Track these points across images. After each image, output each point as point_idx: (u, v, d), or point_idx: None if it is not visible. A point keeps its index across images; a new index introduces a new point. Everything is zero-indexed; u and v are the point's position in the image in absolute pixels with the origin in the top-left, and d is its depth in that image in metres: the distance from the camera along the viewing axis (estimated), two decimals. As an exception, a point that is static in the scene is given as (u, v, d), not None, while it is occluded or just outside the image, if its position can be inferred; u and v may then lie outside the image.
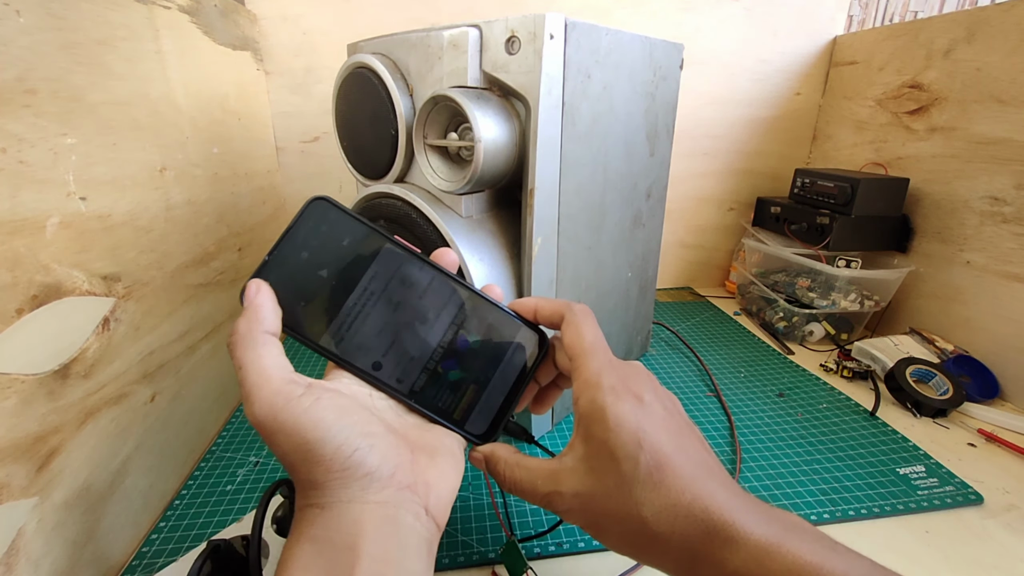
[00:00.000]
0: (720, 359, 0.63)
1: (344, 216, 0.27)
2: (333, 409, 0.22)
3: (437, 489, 0.24)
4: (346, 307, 0.26)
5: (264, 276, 0.25)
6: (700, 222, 0.86)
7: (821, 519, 0.39)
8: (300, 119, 0.71)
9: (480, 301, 0.29)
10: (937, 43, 0.62)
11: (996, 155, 0.56)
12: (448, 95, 0.35)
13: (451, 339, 0.28)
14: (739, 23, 0.75)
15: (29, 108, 0.28)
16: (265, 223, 0.65)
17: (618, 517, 0.23)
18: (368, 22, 0.68)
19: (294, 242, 0.25)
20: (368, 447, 0.22)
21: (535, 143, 0.37)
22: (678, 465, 0.23)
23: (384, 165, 0.42)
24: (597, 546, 0.37)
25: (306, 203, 0.26)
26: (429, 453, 0.25)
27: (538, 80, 0.35)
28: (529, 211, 0.39)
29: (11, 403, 0.26)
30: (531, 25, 0.34)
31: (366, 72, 0.41)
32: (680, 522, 0.22)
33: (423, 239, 0.39)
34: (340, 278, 0.26)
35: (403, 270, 0.27)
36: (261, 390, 0.22)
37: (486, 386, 0.28)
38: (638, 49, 0.44)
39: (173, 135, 0.43)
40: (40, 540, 0.28)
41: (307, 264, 0.26)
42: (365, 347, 0.26)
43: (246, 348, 0.23)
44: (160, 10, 0.42)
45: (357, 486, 0.21)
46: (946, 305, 0.62)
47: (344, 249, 0.26)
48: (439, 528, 0.23)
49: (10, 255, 0.26)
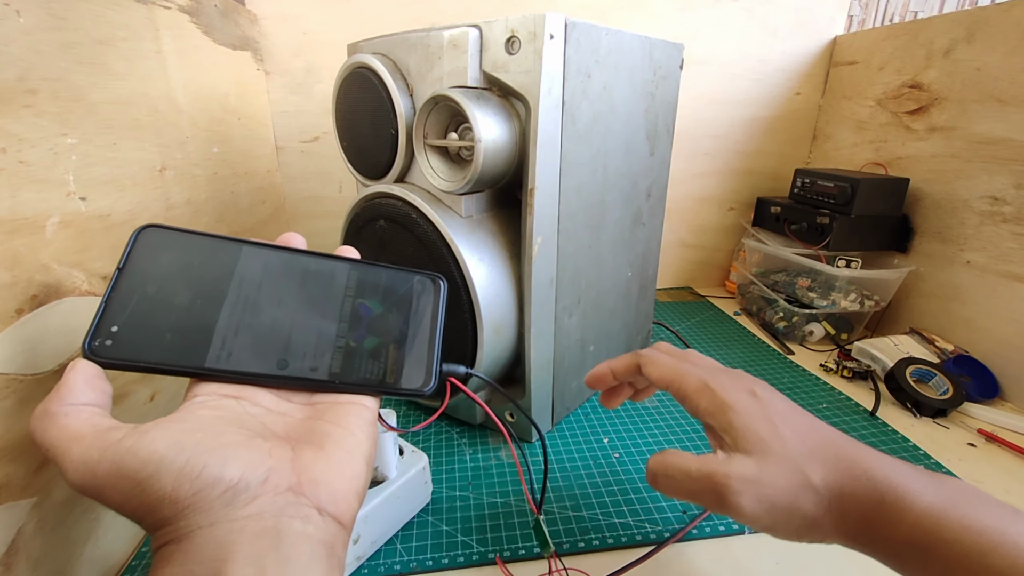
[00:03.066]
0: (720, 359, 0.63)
1: (183, 235, 0.25)
2: (166, 437, 0.19)
3: (329, 483, 0.21)
4: (222, 322, 0.24)
5: (107, 325, 0.22)
6: (700, 222, 0.86)
7: (821, 519, 0.39)
8: (300, 119, 0.71)
9: (363, 267, 0.28)
10: (937, 43, 0.62)
11: (996, 155, 0.56)
12: (448, 95, 0.35)
13: (351, 311, 0.27)
14: (739, 23, 0.75)
15: (29, 108, 0.28)
16: (265, 223, 0.65)
17: (791, 490, 0.24)
18: (368, 22, 0.68)
19: (132, 280, 0.23)
20: (221, 460, 0.19)
21: (535, 143, 0.37)
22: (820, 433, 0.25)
23: (384, 165, 0.42)
24: (597, 546, 0.37)
25: (133, 234, 0.24)
26: (318, 445, 0.22)
27: (538, 80, 0.35)
28: (529, 210, 0.39)
29: (11, 403, 0.26)
30: (531, 25, 0.34)
31: (366, 72, 0.41)
32: (849, 484, 0.23)
33: (423, 239, 0.39)
34: (204, 297, 0.24)
35: (272, 266, 0.26)
36: (71, 452, 0.19)
37: (405, 341, 0.27)
38: (638, 49, 0.44)
39: (173, 135, 0.43)
40: (40, 540, 0.28)
41: (157, 296, 0.23)
42: (262, 351, 0.24)
43: (47, 427, 0.20)
44: (160, 10, 0.42)
45: (218, 504, 0.19)
46: (946, 305, 0.62)
47: (196, 267, 0.24)
48: (343, 524, 0.21)
49: (10, 255, 0.26)
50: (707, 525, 0.38)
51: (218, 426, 0.21)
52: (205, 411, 0.22)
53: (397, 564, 0.35)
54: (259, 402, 0.24)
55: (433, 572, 0.35)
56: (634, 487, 0.42)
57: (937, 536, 0.21)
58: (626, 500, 0.41)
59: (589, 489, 0.42)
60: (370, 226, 0.44)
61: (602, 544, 0.37)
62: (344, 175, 0.74)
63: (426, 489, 0.39)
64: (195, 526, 0.18)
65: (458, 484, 0.42)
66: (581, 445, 0.47)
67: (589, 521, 0.39)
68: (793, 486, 0.25)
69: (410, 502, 0.38)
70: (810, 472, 0.25)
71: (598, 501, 0.41)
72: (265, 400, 0.24)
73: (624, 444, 0.47)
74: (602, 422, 0.50)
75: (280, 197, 0.72)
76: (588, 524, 0.38)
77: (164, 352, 0.22)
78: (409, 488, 0.37)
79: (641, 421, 0.51)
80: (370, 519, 0.34)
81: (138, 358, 0.22)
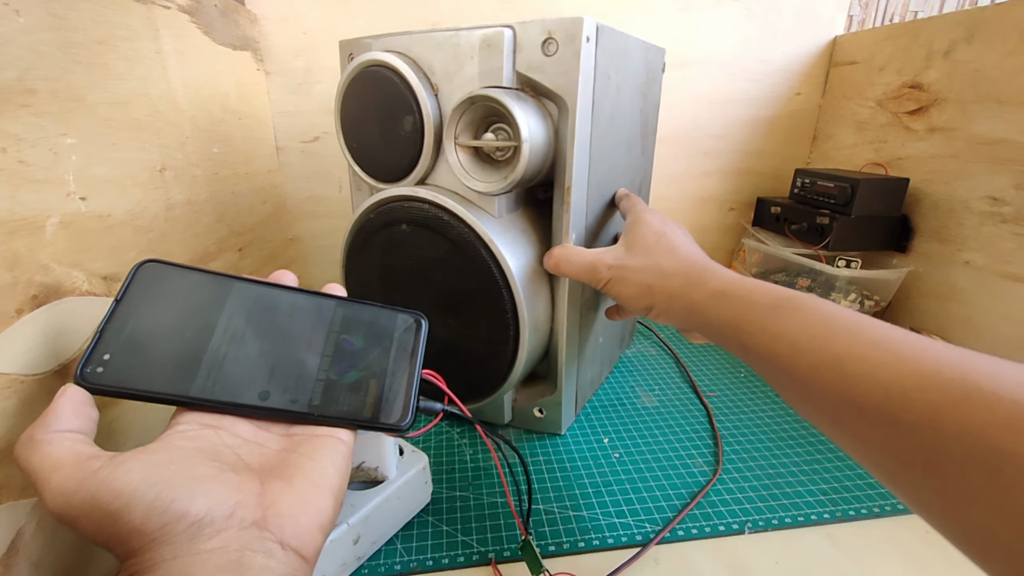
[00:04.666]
0: (720, 359, 0.63)
1: (179, 270, 0.27)
2: (141, 468, 0.20)
3: (294, 518, 0.21)
4: (209, 354, 0.25)
5: (100, 353, 0.23)
6: (700, 222, 0.86)
7: (821, 519, 0.39)
8: (300, 119, 0.71)
9: (349, 304, 0.30)
10: (937, 43, 0.62)
11: (996, 155, 0.56)
12: (491, 95, 0.35)
13: (334, 346, 0.28)
14: (739, 23, 0.75)
15: (29, 108, 0.28)
16: (265, 223, 0.65)
17: (643, 269, 0.36)
18: (368, 22, 0.68)
19: (127, 311, 0.25)
20: (189, 494, 0.20)
21: (573, 142, 0.37)
22: (682, 246, 0.37)
23: (403, 167, 0.41)
24: (597, 545, 0.37)
25: (133, 268, 0.25)
26: (286, 479, 0.23)
27: (576, 81, 0.36)
28: (566, 208, 0.39)
29: (11, 403, 0.26)
30: (569, 27, 0.35)
31: (383, 71, 0.39)
32: (681, 265, 0.35)
33: (457, 241, 0.39)
34: (193, 329, 0.25)
35: (260, 301, 0.27)
36: (50, 481, 0.20)
37: (385, 376, 0.28)
38: (639, 51, 0.46)
39: (173, 135, 0.43)
40: (40, 540, 0.28)
41: (150, 328, 0.25)
42: (246, 383, 0.25)
43: (30, 454, 0.20)
44: (160, 10, 0.42)
45: (183, 538, 0.19)
46: (946, 305, 0.62)
47: (189, 301, 0.26)
48: (305, 559, 0.21)
49: (10, 255, 0.26)
50: (707, 525, 0.38)
51: (192, 459, 0.22)
52: (183, 441, 0.23)
53: (397, 564, 0.35)
54: (238, 433, 0.24)
55: (433, 572, 0.35)
56: (634, 487, 0.42)
57: (729, 289, 0.31)
58: (626, 500, 0.41)
59: (589, 489, 0.42)
60: (385, 231, 0.42)
61: (602, 544, 0.37)
62: (344, 175, 0.74)
63: (426, 489, 0.39)
64: (159, 559, 0.19)
65: (458, 484, 0.42)
66: (581, 445, 0.47)
67: (589, 521, 0.39)
68: (644, 266, 0.36)
69: (410, 502, 0.38)
70: (659, 259, 0.36)
71: (598, 501, 0.41)
72: (244, 431, 0.25)
73: (624, 444, 0.47)
74: (602, 422, 0.50)
75: (281, 197, 0.72)
76: (588, 524, 0.38)
77: (152, 381, 0.23)
78: (409, 488, 0.37)
79: (641, 421, 0.51)
80: (370, 519, 0.34)
81: (127, 386, 0.23)
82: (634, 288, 0.36)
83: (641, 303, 0.36)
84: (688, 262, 0.35)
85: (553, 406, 0.47)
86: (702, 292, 0.32)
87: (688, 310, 0.33)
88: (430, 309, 0.36)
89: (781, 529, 0.38)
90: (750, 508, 0.40)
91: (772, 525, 0.38)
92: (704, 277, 0.33)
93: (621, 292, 0.37)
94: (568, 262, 0.39)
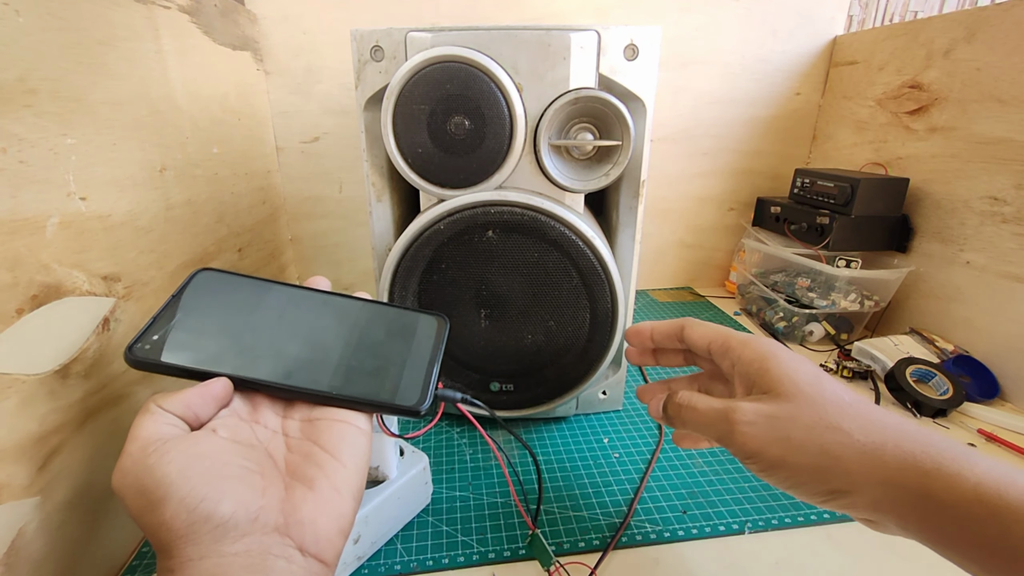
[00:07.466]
0: (720, 359, 0.63)
1: (229, 276, 0.31)
2: (179, 460, 0.21)
3: (314, 525, 0.22)
4: (244, 338, 0.28)
5: (150, 334, 0.27)
6: (700, 222, 0.86)
7: (822, 519, 0.39)
8: (300, 119, 0.71)
9: (374, 306, 0.32)
10: (937, 43, 0.62)
11: (996, 155, 0.56)
12: (599, 96, 0.37)
13: (358, 339, 0.30)
14: (739, 23, 0.75)
15: (29, 108, 0.28)
16: (265, 223, 0.65)
17: (815, 427, 0.24)
18: (369, 22, 0.68)
19: (179, 304, 0.28)
20: (218, 496, 0.20)
21: (648, 140, 0.42)
22: (856, 401, 0.25)
23: (482, 172, 0.39)
24: (597, 545, 0.37)
25: (192, 274, 0.30)
26: (309, 483, 0.23)
27: (655, 84, 0.40)
28: (640, 200, 0.44)
29: (12, 403, 0.26)
30: (648, 35, 0.39)
31: (466, 68, 0.37)
32: (894, 438, 0.22)
33: (557, 242, 0.40)
34: (232, 321, 0.29)
35: (294, 300, 0.31)
36: (125, 450, 0.22)
37: (404, 366, 0.29)
38: None
39: (173, 135, 0.43)
40: (41, 540, 0.28)
41: (195, 317, 0.28)
42: (273, 364, 0.27)
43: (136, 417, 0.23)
44: (160, 10, 0.42)
45: (208, 539, 0.20)
46: (946, 305, 0.62)
47: (232, 299, 0.30)
48: (326, 564, 0.22)
49: (10, 255, 0.26)
50: (707, 525, 0.38)
51: (227, 453, 0.23)
52: (223, 432, 0.24)
53: (397, 564, 0.35)
54: (267, 424, 0.26)
55: (433, 572, 0.35)
56: (634, 487, 0.42)
57: (1001, 498, 0.20)
58: (626, 500, 0.41)
59: (589, 489, 0.42)
60: (462, 240, 0.40)
61: (602, 544, 0.37)
62: (344, 175, 0.74)
63: (426, 489, 0.39)
64: (186, 559, 0.20)
65: (458, 484, 0.42)
66: (581, 445, 0.47)
67: (589, 521, 0.39)
68: (817, 424, 0.24)
69: (410, 502, 0.38)
70: (841, 420, 0.23)
71: (598, 501, 0.41)
72: (271, 422, 0.26)
73: (624, 444, 0.47)
74: (602, 422, 0.50)
75: (280, 198, 0.72)
76: (588, 524, 0.38)
77: (190, 358, 0.26)
78: (409, 488, 0.37)
79: (641, 422, 0.51)
80: (370, 519, 0.34)
81: (166, 361, 0.26)
82: (808, 458, 0.24)
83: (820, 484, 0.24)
84: (882, 428, 0.23)
85: (616, 385, 0.50)
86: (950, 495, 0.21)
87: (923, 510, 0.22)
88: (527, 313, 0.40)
89: (781, 529, 0.38)
90: (750, 508, 0.40)
91: (772, 525, 0.38)
92: (944, 464, 0.21)
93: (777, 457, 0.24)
94: (693, 409, 0.29)
